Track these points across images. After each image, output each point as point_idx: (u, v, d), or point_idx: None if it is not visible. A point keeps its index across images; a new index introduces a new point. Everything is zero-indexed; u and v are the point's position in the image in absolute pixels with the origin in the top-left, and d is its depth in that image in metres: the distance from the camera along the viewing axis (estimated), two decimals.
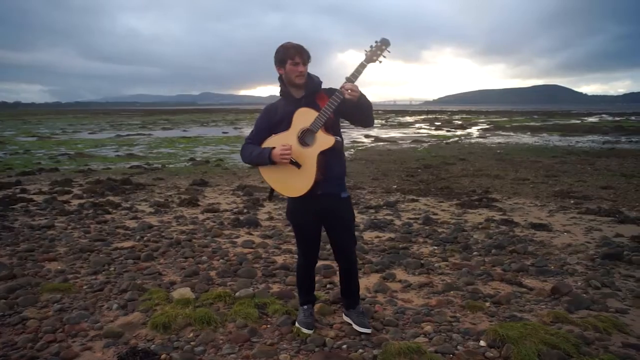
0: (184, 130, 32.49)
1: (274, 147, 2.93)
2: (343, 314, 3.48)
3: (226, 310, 3.62)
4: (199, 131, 32.02)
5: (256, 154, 3.00)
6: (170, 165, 13.97)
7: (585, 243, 5.73)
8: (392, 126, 38.44)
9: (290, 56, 2.92)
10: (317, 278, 4.37)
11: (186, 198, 8.26)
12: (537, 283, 4.36)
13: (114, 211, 7.41)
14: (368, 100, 2.93)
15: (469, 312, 3.68)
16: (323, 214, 3.10)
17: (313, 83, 3.03)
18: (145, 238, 5.81)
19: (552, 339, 3.06)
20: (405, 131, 31.84)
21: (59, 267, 4.75)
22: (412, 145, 20.73)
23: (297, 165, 2.94)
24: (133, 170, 12.65)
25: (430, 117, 58.59)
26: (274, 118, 3.06)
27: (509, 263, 4.89)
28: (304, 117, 2.93)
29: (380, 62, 2.92)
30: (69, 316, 3.54)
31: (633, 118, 52.44)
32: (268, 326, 3.41)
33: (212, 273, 4.56)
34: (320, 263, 4.75)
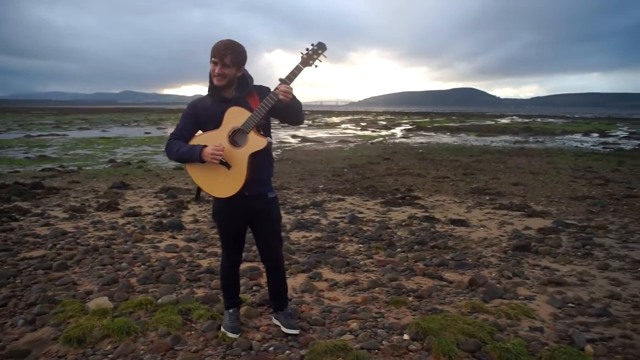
0: (103, 131, 30.79)
1: (205, 146, 2.83)
2: (272, 317, 3.45)
3: (147, 319, 3.46)
4: (120, 131, 30.51)
5: (185, 151, 2.87)
6: (88, 168, 13.18)
7: (499, 236, 6.10)
8: (319, 127, 38.84)
9: (212, 54, 2.82)
10: (243, 280, 4.32)
11: (105, 202, 7.82)
12: (456, 276, 4.58)
13: (22, 218, 6.85)
14: (298, 101, 2.92)
15: (393, 307, 3.79)
16: (250, 214, 3.05)
17: (246, 83, 2.95)
18: (58, 246, 5.41)
19: (469, 329, 3.23)
20: (331, 131, 32.29)
21: None
22: (338, 146, 21.06)
23: (227, 165, 2.87)
24: (45, 174, 11.78)
25: (356, 117, 59.84)
26: (202, 114, 2.94)
27: (430, 258, 5.10)
28: (235, 116, 2.85)
29: (316, 66, 2.89)
30: None
31: (539, 120, 56.95)
32: (192, 332, 3.30)
33: (133, 280, 4.35)
34: (246, 265, 4.70)
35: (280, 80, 2.81)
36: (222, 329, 3.24)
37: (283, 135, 27.40)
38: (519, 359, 2.90)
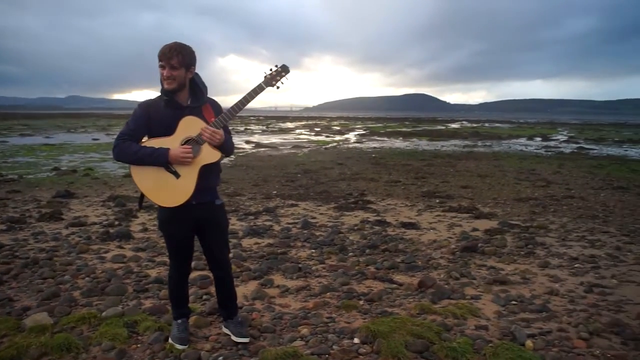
0: (47, 137, 29.43)
1: (168, 148, 2.77)
2: (222, 326, 3.39)
3: (91, 333, 3.33)
4: (66, 138, 29.25)
5: (148, 153, 2.77)
6: (30, 176, 12.55)
7: (448, 238, 6.27)
8: (273, 132, 38.73)
9: (159, 58, 2.77)
10: (193, 289, 4.24)
11: (47, 212, 7.47)
12: (406, 278, 4.67)
13: None
14: (230, 145, 2.95)
15: (344, 311, 3.81)
16: (197, 222, 3.01)
17: (200, 92, 2.92)
18: None
19: (417, 330, 3.30)
20: (286, 137, 32.26)
21: None
22: (292, 151, 21.07)
23: (176, 174, 2.82)
24: None
25: (311, 123, 60.09)
26: (154, 117, 2.86)
27: (381, 261, 5.17)
28: (190, 126, 2.82)
29: (278, 87, 2.92)
30: None
31: (487, 125, 59.11)
32: (138, 346, 3.20)
33: (76, 293, 4.16)
34: (196, 274, 4.62)
35: (212, 123, 2.80)
36: (170, 341, 3.16)
37: (237, 141, 27.10)
38: (465, 357, 2.99)
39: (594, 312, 3.81)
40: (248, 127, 45.22)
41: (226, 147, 2.90)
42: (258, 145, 24.26)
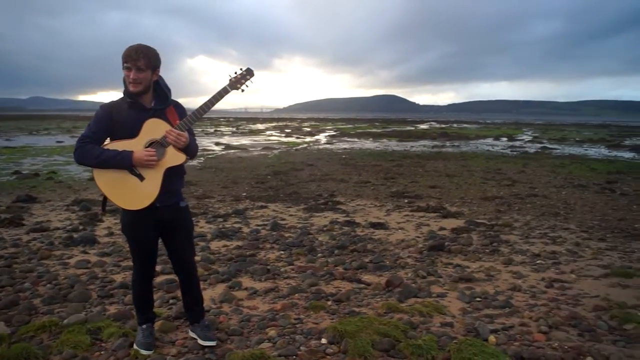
0: (8, 140, 28.43)
1: (132, 151, 2.73)
2: (189, 330, 3.36)
3: (51, 342, 3.23)
4: (27, 140, 28.32)
5: (111, 156, 2.72)
6: None
7: (416, 238, 6.37)
8: (244, 133, 38.46)
9: (124, 60, 2.72)
10: (159, 294, 4.18)
11: (7, 217, 7.22)
12: (374, 278, 4.71)
13: None
14: (194, 148, 2.93)
15: (312, 312, 3.83)
16: (162, 225, 2.98)
17: (164, 94, 2.89)
18: None
19: (384, 329, 3.34)
20: (256, 138, 32.08)
21: None
22: (262, 153, 20.98)
23: (140, 177, 2.78)
24: None
25: (281, 124, 59.96)
26: (117, 119, 2.81)
27: (350, 262, 5.21)
28: (154, 128, 2.79)
29: (243, 90, 2.93)
30: None
31: (455, 125, 60.22)
32: (102, 353, 3.13)
33: (36, 301, 4.04)
34: (163, 278, 4.56)
35: (177, 125, 2.79)
36: (135, 346, 3.11)
37: (206, 142, 26.83)
38: (430, 354, 3.04)
39: (553, 307, 3.94)
40: (218, 129, 44.77)
41: (191, 150, 2.88)
42: (228, 147, 24.05)
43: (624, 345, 3.26)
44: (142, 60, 2.71)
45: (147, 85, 2.79)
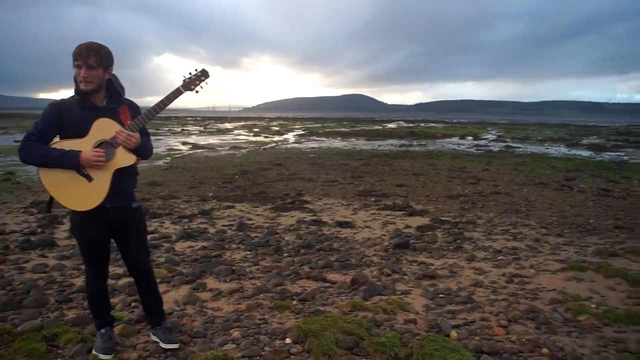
0: None
1: (80, 151, 2.65)
2: (150, 333, 3.29)
3: (3, 351, 3.11)
4: None
5: (57, 155, 2.63)
6: None
7: (382, 236, 6.42)
8: (211, 133, 38.02)
9: (74, 58, 2.66)
10: (121, 297, 4.10)
11: None
12: (339, 277, 4.73)
13: None
14: (147, 149, 2.87)
15: (277, 312, 3.81)
16: (113, 226, 2.90)
17: (117, 93, 2.83)
18: None
19: (348, 327, 3.36)
20: (224, 138, 31.76)
21: None
22: (230, 152, 20.78)
23: (89, 178, 2.70)
24: None
25: (249, 123, 59.54)
26: (66, 117, 2.73)
27: (316, 261, 5.21)
28: (104, 128, 2.72)
29: (197, 91, 2.89)
30: None
31: (422, 125, 61.19)
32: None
33: None
34: (125, 280, 4.47)
35: (128, 126, 2.72)
36: (94, 351, 3.03)
37: (173, 142, 26.40)
38: (393, 351, 3.07)
39: (513, 301, 4.05)
40: (185, 128, 44.08)
41: (142, 151, 2.82)
42: (195, 146, 23.72)
43: (577, 336, 3.39)
44: (93, 58, 2.65)
45: (98, 84, 2.72)
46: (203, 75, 2.89)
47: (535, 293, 4.26)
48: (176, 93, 2.82)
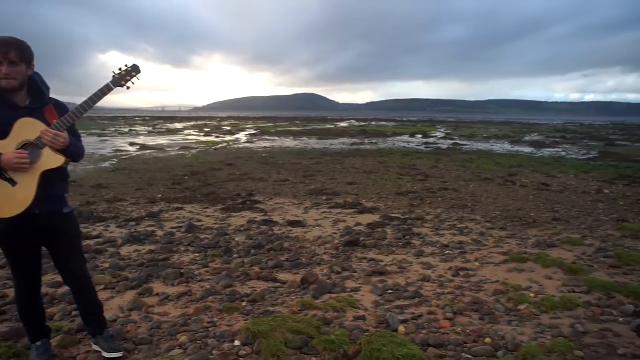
0: None
1: (1, 153, 2.48)
2: (92, 343, 3.15)
3: None
4: None
5: None
6: None
7: (333, 234, 6.46)
8: (161, 133, 37.01)
9: None
10: (60, 306, 3.92)
11: None
12: (290, 276, 4.72)
13: None
14: (78, 149, 2.72)
15: (226, 315, 3.75)
16: (43, 233, 2.74)
17: (41, 92, 2.66)
18: None
19: (298, 326, 3.35)
20: (173, 138, 31.00)
21: None
22: (180, 153, 20.31)
23: (12, 182, 2.54)
24: None
25: (200, 123, 58.43)
26: None
27: (266, 261, 5.18)
28: (28, 128, 2.55)
29: (129, 87, 2.78)
30: None
31: (374, 123, 62.08)
32: None
33: None
34: (65, 289, 4.25)
35: (54, 125, 2.57)
36: None
37: (120, 143, 25.51)
38: (342, 348, 3.09)
39: (458, 294, 4.17)
40: (133, 129, 42.70)
41: (72, 151, 2.67)
42: (143, 147, 23.01)
43: (517, 325, 3.54)
44: (14, 53, 2.48)
45: (22, 81, 2.56)
46: (134, 70, 2.78)
47: (479, 285, 4.41)
48: (105, 90, 2.70)
